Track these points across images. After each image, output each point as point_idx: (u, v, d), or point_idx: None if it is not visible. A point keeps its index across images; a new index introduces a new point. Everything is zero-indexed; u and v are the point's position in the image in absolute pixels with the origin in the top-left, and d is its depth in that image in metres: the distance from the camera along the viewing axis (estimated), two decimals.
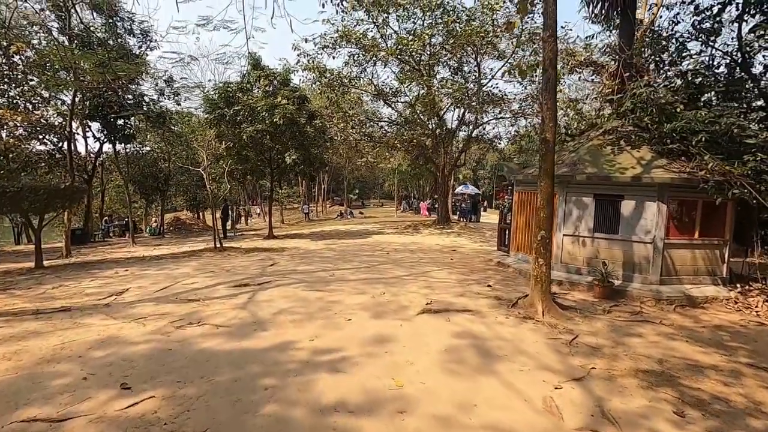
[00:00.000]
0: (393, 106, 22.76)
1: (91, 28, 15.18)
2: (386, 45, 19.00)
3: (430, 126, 21.58)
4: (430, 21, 18.46)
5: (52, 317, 5.67)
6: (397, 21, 19.47)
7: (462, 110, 21.84)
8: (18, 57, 18.45)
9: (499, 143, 24.12)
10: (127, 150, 22.81)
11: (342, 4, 17.69)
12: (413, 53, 19.37)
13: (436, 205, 27.80)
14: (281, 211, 36.97)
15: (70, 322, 5.52)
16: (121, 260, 12.58)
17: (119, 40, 16.35)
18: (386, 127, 23.40)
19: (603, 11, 9.43)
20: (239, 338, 5.00)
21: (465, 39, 16.73)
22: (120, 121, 18.02)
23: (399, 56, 19.06)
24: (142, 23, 16.45)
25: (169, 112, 20.03)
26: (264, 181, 23.94)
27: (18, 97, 19.01)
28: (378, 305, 6.57)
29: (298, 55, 19.36)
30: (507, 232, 11.21)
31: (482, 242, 16.17)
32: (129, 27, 17.02)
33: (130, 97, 17.37)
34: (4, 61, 18.90)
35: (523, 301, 6.72)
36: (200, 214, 33.59)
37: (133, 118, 18.42)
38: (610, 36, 10.63)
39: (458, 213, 28.94)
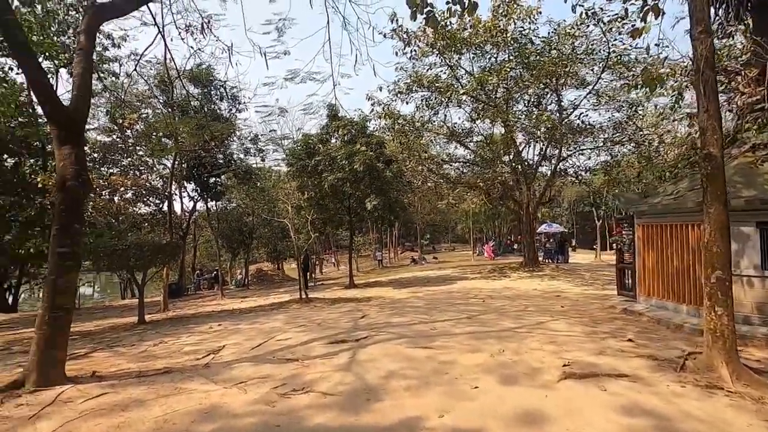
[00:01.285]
0: (467, 145, 22.20)
1: (190, 98, 16.77)
2: (460, 85, 18.74)
3: (507, 162, 20.55)
4: (505, 56, 18.00)
5: (155, 381, 5.34)
6: (470, 61, 19.30)
7: (543, 144, 20.61)
8: (129, 131, 20.80)
9: (585, 176, 22.21)
10: (217, 207, 24.32)
11: (413, 52, 18.02)
12: (489, 90, 18.89)
13: (515, 246, 26.09)
14: (356, 259, 37.01)
15: (172, 387, 5.13)
16: (213, 314, 12.70)
17: (213, 106, 17.83)
18: (462, 168, 22.76)
19: (731, 10, 8.15)
20: (353, 412, 4.20)
21: (546, 69, 15.88)
22: (212, 180, 19.29)
23: (473, 95, 18.67)
24: (232, 89, 17.85)
25: (254, 169, 21.23)
26: (339, 230, 24.06)
27: (129, 166, 21.30)
28: (502, 366, 5.48)
29: (372, 104, 19.79)
30: (628, 272, 9.59)
31: (585, 285, 14.30)
32: (220, 94, 18.59)
33: (221, 157, 18.64)
34: (118, 135, 21.44)
35: (693, 362, 5.23)
36: (280, 265, 34.64)
37: (223, 176, 19.67)
38: (732, 39, 9.19)
39: (543, 254, 26.76)
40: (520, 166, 19.87)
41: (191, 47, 17.94)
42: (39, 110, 17.84)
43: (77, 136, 5.53)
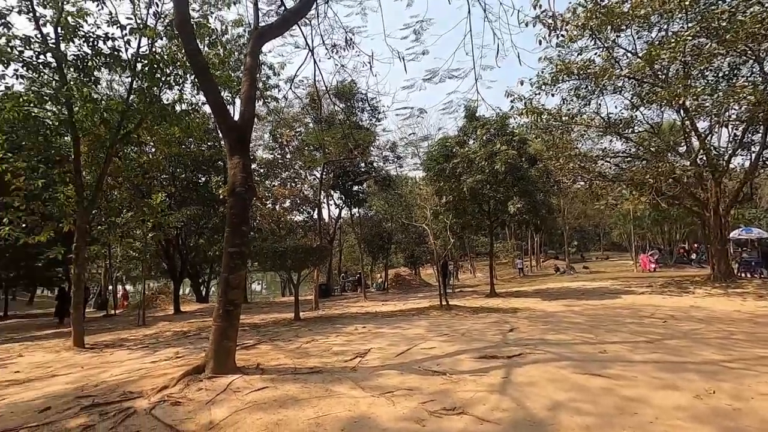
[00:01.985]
0: (627, 137, 19.01)
1: (335, 112, 18.11)
2: (620, 67, 16.14)
3: (686, 153, 16.86)
4: (680, 25, 14.87)
5: (307, 380, 5.46)
6: (632, 38, 16.55)
7: (738, 128, 16.36)
8: (287, 147, 23.42)
9: None
10: (359, 213, 25.78)
11: (560, 38, 16.19)
12: (657, 70, 15.83)
13: (693, 256, 21.22)
14: (494, 267, 35.25)
15: (323, 388, 5.15)
16: (357, 315, 13.17)
17: (355, 118, 18.92)
18: (621, 164, 19.59)
19: None
20: None
21: (746, 31, 12.48)
22: (354, 188, 20.44)
23: (637, 76, 15.85)
24: (372, 99, 18.69)
25: (392, 176, 21.88)
26: (478, 235, 23.04)
27: (287, 179, 24.05)
28: (719, 415, 4.08)
29: (511, 101, 18.46)
30: None
31: None
32: (361, 106, 19.65)
33: (362, 165, 19.62)
34: (279, 152, 24.34)
35: None
36: (417, 270, 35.09)
37: (364, 184, 20.69)
38: None
39: (739, 266, 21.22)
40: (705, 157, 16.09)
41: (336, 64, 19.48)
42: (221, 134, 21.57)
43: (245, 146, 6.11)
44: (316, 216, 22.70)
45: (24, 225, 10.83)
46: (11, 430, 4.34)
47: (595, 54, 16.56)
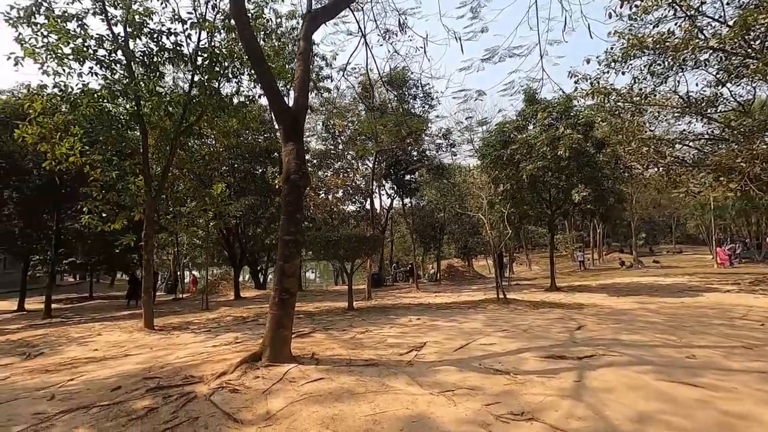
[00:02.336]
0: (710, 118, 16.96)
1: (387, 100, 17.83)
2: (704, 37, 14.35)
3: None
4: None
5: (363, 373, 5.30)
6: (719, 3, 14.64)
7: None
8: (340, 138, 23.53)
9: None
10: (411, 203, 25.45)
11: (634, 8, 14.70)
12: (750, 39, 13.89)
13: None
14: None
15: (379, 382, 4.95)
16: (411, 306, 12.94)
17: (407, 106, 18.52)
18: (704, 147, 17.56)
19: None
20: None
21: None
22: (407, 177, 20.11)
23: (727, 47, 14.00)
24: (425, 86, 18.17)
25: (445, 165, 21.28)
26: (537, 226, 21.88)
27: (339, 169, 24.23)
28: None
29: (575, 82, 17.11)
30: None
31: None
32: (414, 94, 19.17)
33: (415, 154, 19.21)
34: (331, 143, 24.54)
35: None
36: (470, 261, 34.25)
37: (416, 173, 20.30)
38: None
39: None
40: None
41: (388, 50, 19.14)
42: (275, 121, 22.10)
43: (298, 132, 6.01)
44: (368, 206, 22.68)
45: (102, 214, 11.69)
46: (86, 407, 4.56)
47: (675, 24, 14.85)
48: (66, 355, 7.93)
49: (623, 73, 16.73)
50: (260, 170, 21.78)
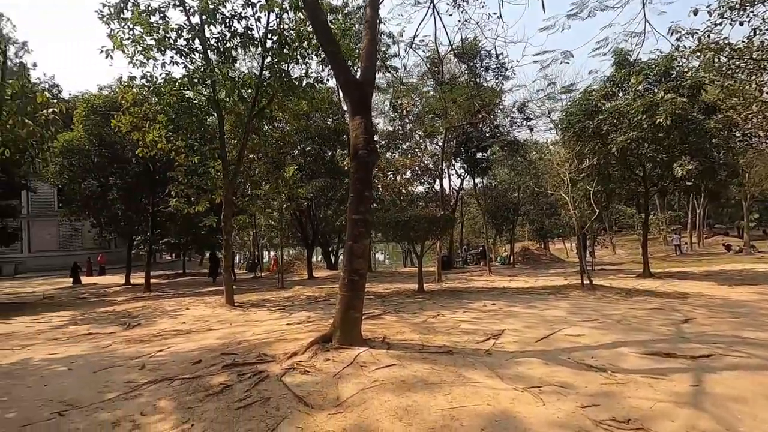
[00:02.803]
0: None
1: (457, 74, 16.91)
2: None
3: None
4: None
5: (437, 361, 4.94)
6: None
7: None
8: (407, 117, 22.99)
9: None
10: (483, 183, 24.34)
11: None
12: None
13: None
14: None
15: (454, 372, 4.57)
16: (484, 290, 12.34)
17: (479, 79, 17.43)
18: None
19: None
20: None
21: None
22: (478, 155, 19.12)
23: None
24: (498, 56, 16.93)
25: (521, 140, 19.87)
26: (627, 205, 19.72)
27: (407, 149, 23.79)
28: None
29: (677, 39, 14.80)
30: None
31: None
32: (486, 65, 17.98)
33: (487, 130, 18.12)
34: (399, 123, 24.10)
35: None
36: (546, 244, 32.27)
37: (489, 150, 19.22)
38: None
39: None
40: None
41: (459, 19, 18.05)
42: (346, 107, 22.12)
43: (366, 105, 5.69)
44: (437, 187, 22.05)
45: (188, 197, 12.49)
46: (170, 378, 4.75)
47: None
48: (158, 327, 8.58)
49: (741, 24, 14.16)
50: (329, 153, 22.07)
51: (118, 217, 18.07)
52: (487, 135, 17.81)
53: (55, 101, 12.90)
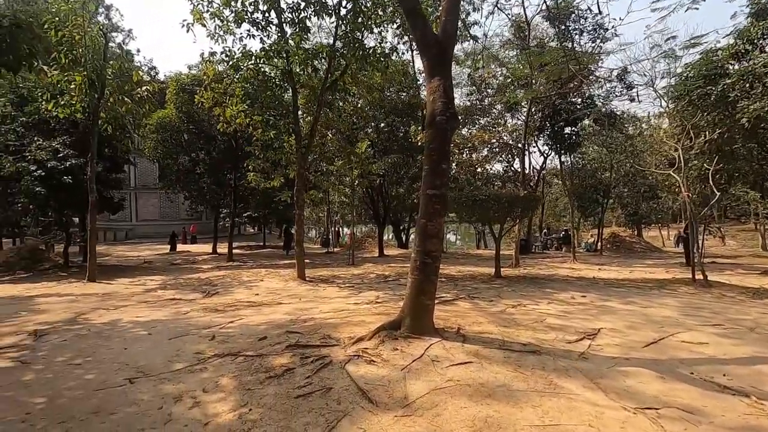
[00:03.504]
0: None
1: (545, 39, 15.15)
2: None
3: None
4: None
5: (521, 362, 4.25)
6: None
7: None
8: (487, 90, 21.46)
9: None
10: (570, 161, 22.17)
11: None
12: None
13: None
14: (761, 232, 25.85)
15: (544, 379, 3.86)
16: (569, 279, 11.13)
17: (571, 43, 15.47)
18: None
19: None
20: None
21: None
22: (567, 130, 17.23)
23: None
24: (595, 17, 14.83)
25: (618, 114, 17.51)
26: (751, 189, 16.65)
27: (486, 125, 22.35)
28: None
29: None
30: None
31: None
32: (581, 27, 15.89)
33: (579, 102, 16.17)
34: (476, 97, 22.63)
35: None
36: (640, 230, 28.88)
37: (579, 124, 17.22)
38: None
39: None
40: None
41: None
42: (420, 80, 21.22)
43: (446, 65, 4.98)
44: (516, 165, 20.50)
45: (265, 172, 12.72)
46: (234, 354, 4.64)
47: None
48: (234, 296, 8.83)
49: None
50: (403, 129, 21.43)
51: (204, 191, 19.26)
52: (578, 107, 15.86)
53: (148, 80, 13.77)
